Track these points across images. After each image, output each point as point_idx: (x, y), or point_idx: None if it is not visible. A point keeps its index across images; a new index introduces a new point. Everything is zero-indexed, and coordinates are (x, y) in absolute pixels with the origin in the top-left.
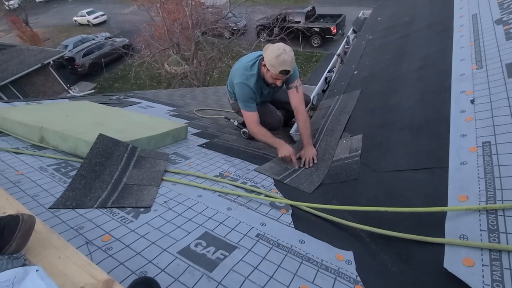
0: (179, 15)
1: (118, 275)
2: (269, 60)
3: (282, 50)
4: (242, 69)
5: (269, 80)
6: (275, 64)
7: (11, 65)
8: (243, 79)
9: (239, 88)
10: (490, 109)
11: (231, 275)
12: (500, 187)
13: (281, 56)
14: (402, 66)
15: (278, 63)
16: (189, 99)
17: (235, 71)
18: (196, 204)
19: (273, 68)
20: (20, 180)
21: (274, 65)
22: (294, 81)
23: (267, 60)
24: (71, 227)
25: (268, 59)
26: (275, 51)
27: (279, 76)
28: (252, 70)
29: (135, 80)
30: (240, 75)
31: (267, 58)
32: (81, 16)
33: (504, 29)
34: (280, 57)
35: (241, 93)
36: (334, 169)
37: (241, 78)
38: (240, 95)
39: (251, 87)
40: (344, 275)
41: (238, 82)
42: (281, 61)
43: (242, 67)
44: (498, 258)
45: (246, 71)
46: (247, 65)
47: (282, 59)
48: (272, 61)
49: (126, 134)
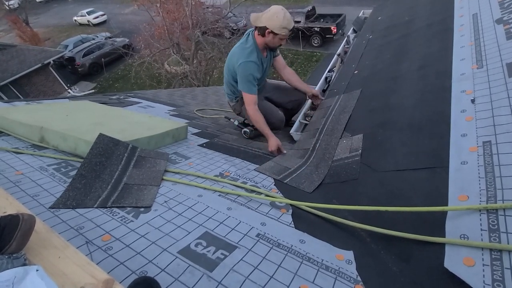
0: (179, 15)
1: (118, 275)
2: (279, 24)
3: (282, 11)
4: (238, 51)
5: (276, 44)
6: (286, 25)
7: (11, 65)
8: (245, 57)
9: (243, 68)
10: (491, 109)
11: (231, 275)
12: (500, 186)
13: (286, 15)
14: (403, 65)
15: (287, 23)
16: (189, 99)
17: (232, 57)
18: (196, 204)
19: (283, 29)
20: (20, 180)
21: (285, 26)
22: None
23: (276, 26)
24: (71, 226)
25: (276, 24)
26: (279, 14)
27: (286, 36)
28: (247, 44)
29: (135, 80)
30: (239, 56)
31: (276, 23)
32: (81, 16)
33: (504, 29)
34: (286, 17)
35: (245, 73)
36: (334, 169)
37: (242, 57)
38: (244, 75)
39: (255, 61)
40: (344, 275)
41: (241, 62)
42: (287, 20)
43: (236, 50)
44: (498, 258)
45: (243, 49)
46: (241, 45)
47: (288, 18)
48: (283, 23)
49: (126, 134)
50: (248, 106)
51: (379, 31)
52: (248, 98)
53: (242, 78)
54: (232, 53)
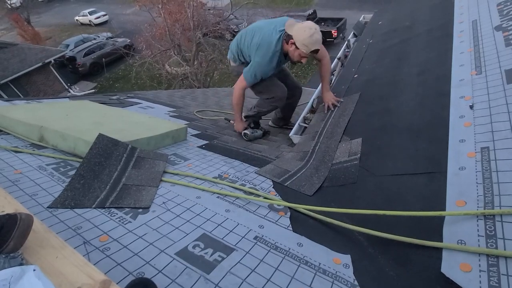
0: (181, 16)
1: (115, 275)
2: (302, 40)
3: (314, 30)
4: (267, 46)
5: (295, 58)
6: (308, 44)
7: (12, 63)
8: (268, 58)
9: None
10: (489, 115)
11: (228, 277)
12: (498, 192)
13: (314, 35)
14: (402, 70)
15: (311, 43)
16: (190, 100)
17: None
18: (195, 206)
19: (306, 48)
20: (19, 179)
21: (307, 45)
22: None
23: (299, 40)
24: (69, 226)
25: (300, 38)
26: (308, 31)
27: (308, 55)
28: (277, 46)
29: (135, 80)
30: (264, 53)
31: (299, 38)
32: (83, 16)
33: (503, 36)
34: (313, 36)
35: (256, 69)
36: (333, 172)
37: (266, 56)
38: (254, 69)
39: (273, 66)
40: (341, 279)
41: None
42: (314, 40)
43: (266, 43)
44: (495, 264)
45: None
46: (273, 42)
47: (315, 39)
48: (305, 41)
49: (126, 134)
50: (237, 86)
51: (379, 36)
52: (242, 82)
53: (251, 69)
54: (262, 40)
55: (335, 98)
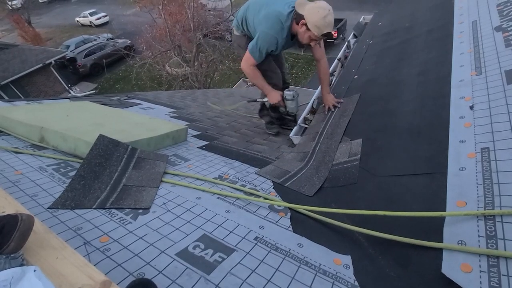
0: (181, 17)
1: (116, 276)
2: (315, 21)
3: (327, 11)
4: (275, 16)
5: (304, 41)
6: (320, 26)
7: (13, 64)
8: (274, 31)
9: (264, 37)
10: (489, 115)
11: (228, 278)
12: (498, 193)
13: (327, 17)
14: (402, 71)
15: (324, 25)
16: (190, 101)
17: (267, 14)
18: (195, 206)
19: (317, 30)
20: (20, 180)
21: (319, 27)
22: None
23: (311, 21)
24: (69, 227)
25: (313, 19)
26: (321, 11)
27: (319, 38)
28: (287, 22)
29: (136, 81)
30: (272, 24)
31: (312, 19)
32: (83, 17)
33: (503, 36)
34: (326, 18)
35: (262, 41)
36: (333, 173)
37: (273, 28)
38: (260, 42)
39: (279, 40)
40: (342, 279)
41: (266, 31)
42: (327, 23)
43: (275, 13)
44: (496, 265)
45: (280, 21)
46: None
47: (328, 21)
48: (318, 22)
49: (126, 135)
50: (245, 64)
51: (379, 37)
52: (249, 59)
53: (257, 43)
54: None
55: (336, 100)
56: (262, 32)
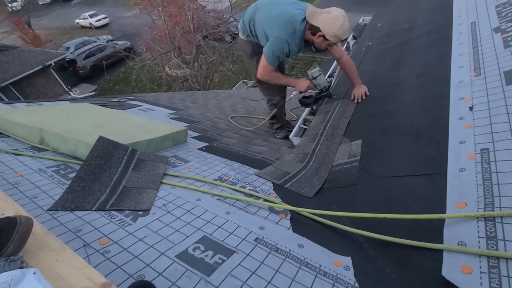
0: (181, 19)
1: (116, 278)
2: (333, 32)
3: (343, 18)
4: (287, 20)
5: (320, 47)
6: (340, 35)
7: (13, 66)
8: (286, 35)
9: (278, 43)
10: (489, 116)
11: (229, 279)
12: (498, 194)
13: (344, 24)
14: (402, 72)
15: (343, 33)
16: (190, 102)
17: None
18: (195, 208)
19: (337, 38)
20: (19, 182)
21: (339, 35)
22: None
23: (329, 32)
24: (69, 229)
25: (331, 31)
26: (338, 22)
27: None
28: (300, 26)
29: (136, 82)
30: (284, 28)
31: (330, 30)
32: (83, 19)
33: (502, 37)
34: (344, 26)
35: (276, 47)
36: (333, 174)
37: (285, 32)
38: (274, 48)
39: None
40: (342, 280)
41: (278, 36)
42: (345, 29)
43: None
44: (496, 266)
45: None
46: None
47: (346, 28)
48: (337, 32)
49: (126, 137)
50: (264, 72)
51: (379, 38)
52: (267, 67)
53: (271, 49)
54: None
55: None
56: (274, 37)
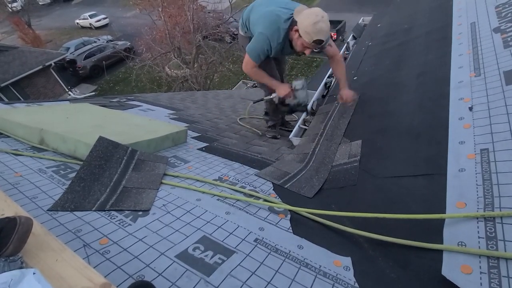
0: (181, 19)
1: (115, 278)
2: (304, 26)
3: (320, 17)
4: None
5: (297, 48)
6: (310, 32)
7: (13, 66)
8: (269, 32)
9: (259, 39)
10: (488, 116)
11: (228, 280)
12: (498, 194)
13: (318, 23)
14: (401, 72)
15: (313, 31)
16: (190, 102)
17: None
18: (195, 208)
19: (307, 36)
20: (19, 182)
21: (309, 32)
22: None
23: (301, 26)
24: (69, 229)
25: (302, 25)
26: (312, 17)
27: (311, 46)
28: (284, 25)
29: (135, 83)
30: (267, 25)
31: (302, 24)
32: (83, 19)
33: (502, 38)
34: (317, 24)
35: (258, 44)
36: (333, 174)
37: (268, 29)
38: (256, 45)
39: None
40: (342, 281)
41: (261, 31)
42: (317, 29)
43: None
44: (496, 266)
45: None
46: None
47: (319, 27)
48: (307, 28)
49: (126, 137)
50: (246, 67)
51: (379, 38)
52: (249, 61)
53: (253, 45)
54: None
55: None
56: (257, 33)
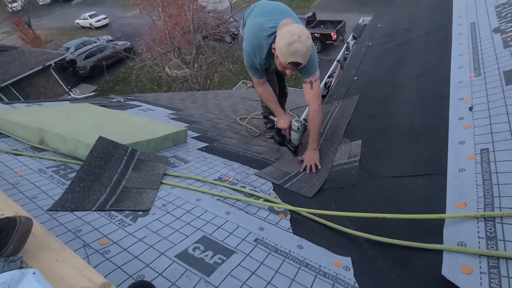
0: (181, 19)
1: (115, 278)
2: (279, 46)
3: (296, 37)
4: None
5: (277, 67)
6: (284, 53)
7: (13, 66)
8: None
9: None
10: (488, 116)
11: (228, 280)
12: (498, 194)
13: (293, 44)
14: (401, 72)
15: (288, 53)
16: (190, 102)
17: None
18: (195, 208)
19: (282, 56)
20: (19, 182)
21: (283, 53)
22: (310, 76)
23: (277, 46)
24: (69, 229)
25: (278, 44)
26: (288, 37)
27: (288, 67)
28: (267, 40)
29: (135, 83)
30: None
31: (277, 44)
32: (83, 19)
33: (502, 38)
34: (291, 45)
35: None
36: (333, 174)
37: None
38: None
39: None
40: (342, 281)
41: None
42: (292, 51)
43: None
44: (496, 266)
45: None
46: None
47: (293, 49)
48: (282, 48)
49: (126, 137)
50: (256, 86)
51: (379, 38)
52: (254, 80)
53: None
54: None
55: (317, 162)
56: (243, 47)
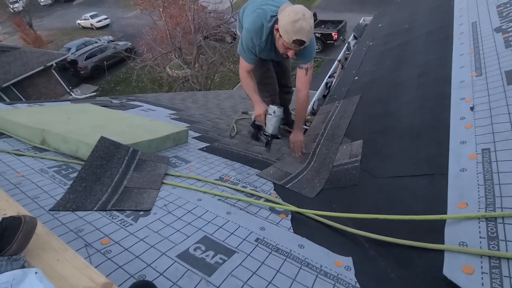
0: (182, 20)
1: (117, 278)
2: (283, 24)
3: (301, 15)
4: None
5: (279, 49)
6: (289, 31)
7: (14, 67)
8: (252, 28)
9: (243, 36)
10: (490, 116)
11: (230, 279)
12: (499, 194)
13: (298, 22)
14: (402, 72)
15: (293, 30)
16: (190, 102)
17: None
18: (196, 208)
19: (287, 35)
20: (21, 182)
21: (288, 31)
22: (307, 62)
23: (280, 24)
24: (70, 229)
25: (282, 23)
26: (292, 15)
27: (292, 46)
28: (269, 23)
29: (136, 83)
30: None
31: (281, 22)
32: (84, 20)
33: (503, 37)
34: (297, 23)
35: (243, 42)
36: (334, 174)
37: (252, 24)
38: (241, 43)
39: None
40: (343, 281)
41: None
42: (297, 28)
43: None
44: (497, 266)
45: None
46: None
47: (298, 26)
48: (286, 26)
49: (127, 137)
50: (240, 69)
51: (379, 38)
52: (241, 63)
53: (240, 41)
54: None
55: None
56: (244, 29)
